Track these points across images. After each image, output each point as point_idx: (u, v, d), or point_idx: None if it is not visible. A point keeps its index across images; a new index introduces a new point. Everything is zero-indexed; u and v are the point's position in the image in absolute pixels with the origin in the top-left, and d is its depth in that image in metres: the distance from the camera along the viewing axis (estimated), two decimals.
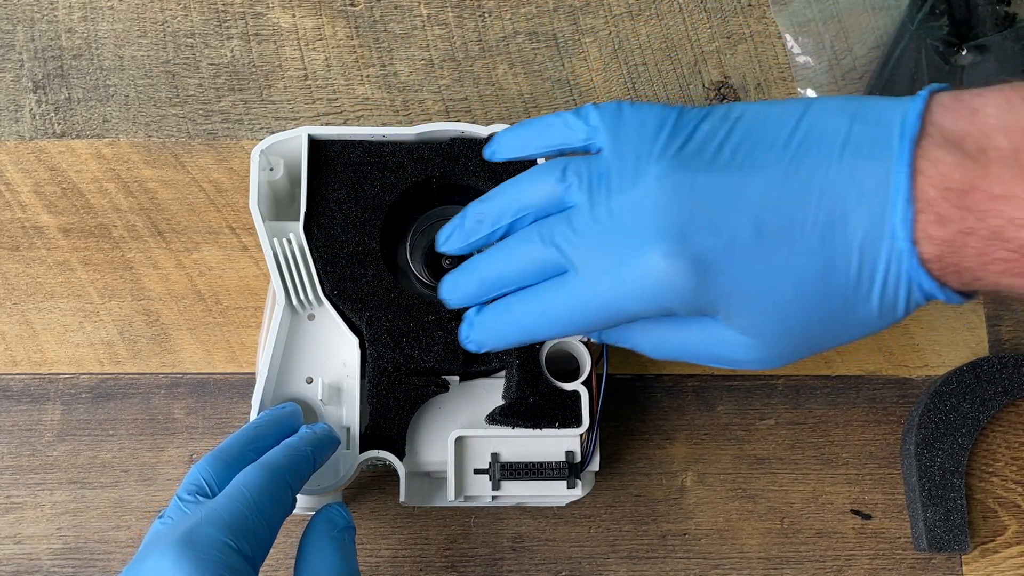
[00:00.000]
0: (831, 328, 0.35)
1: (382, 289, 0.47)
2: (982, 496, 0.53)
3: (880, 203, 0.31)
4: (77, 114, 0.57)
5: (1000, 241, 0.30)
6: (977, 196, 0.30)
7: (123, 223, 0.55)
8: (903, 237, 0.31)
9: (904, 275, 0.32)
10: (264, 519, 0.38)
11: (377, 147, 0.49)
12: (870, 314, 0.34)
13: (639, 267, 0.34)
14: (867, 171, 0.31)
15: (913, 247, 0.31)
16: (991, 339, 0.55)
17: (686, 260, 0.33)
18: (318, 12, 0.58)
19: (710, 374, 0.54)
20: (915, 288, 0.32)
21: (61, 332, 0.54)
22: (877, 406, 0.54)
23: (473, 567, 0.52)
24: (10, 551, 0.51)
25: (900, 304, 0.33)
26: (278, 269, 0.47)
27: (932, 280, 0.32)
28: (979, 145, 0.30)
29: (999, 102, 0.30)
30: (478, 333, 0.41)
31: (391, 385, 0.47)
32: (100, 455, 0.53)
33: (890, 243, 0.32)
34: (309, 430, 0.44)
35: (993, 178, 0.30)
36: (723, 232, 0.33)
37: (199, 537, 0.36)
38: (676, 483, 0.53)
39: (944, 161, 0.30)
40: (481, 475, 0.46)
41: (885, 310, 0.33)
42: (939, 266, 0.32)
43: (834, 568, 0.52)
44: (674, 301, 0.34)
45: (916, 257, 0.31)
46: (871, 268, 0.32)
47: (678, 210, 0.34)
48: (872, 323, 0.34)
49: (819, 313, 0.34)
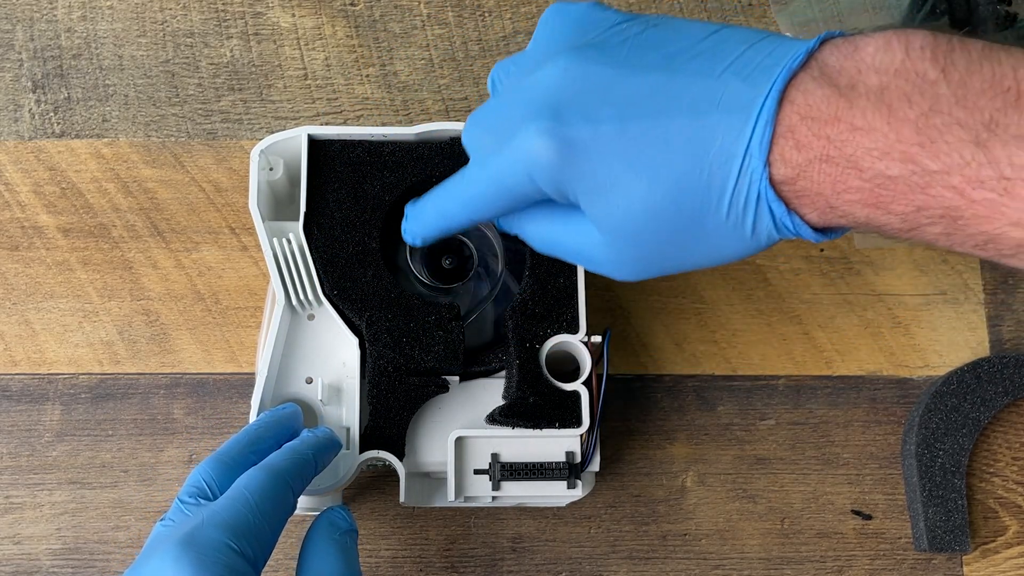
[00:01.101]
0: (684, 240, 0.36)
1: (382, 289, 0.47)
2: (983, 496, 0.53)
3: (742, 122, 0.32)
4: (76, 114, 0.57)
5: (855, 170, 0.31)
6: (839, 127, 0.31)
7: (122, 223, 0.55)
8: (758, 156, 0.32)
9: (754, 193, 0.33)
10: (266, 521, 0.38)
11: (377, 147, 0.48)
12: (720, 228, 0.34)
13: (516, 142, 0.36)
14: (739, 92, 0.33)
15: (765, 167, 0.32)
16: (992, 339, 0.55)
17: (555, 139, 0.35)
18: (318, 12, 0.58)
19: (710, 374, 0.54)
20: (764, 209, 0.33)
21: (60, 332, 0.54)
22: (878, 406, 0.54)
23: (473, 567, 0.52)
24: (9, 551, 0.51)
25: (749, 223, 0.34)
26: (278, 269, 0.47)
27: (781, 203, 0.33)
28: (851, 81, 0.31)
29: (879, 43, 0.32)
30: (411, 223, 0.44)
31: (391, 385, 0.47)
32: (99, 455, 0.52)
33: (746, 161, 0.33)
34: (311, 434, 0.44)
35: (857, 111, 0.31)
36: (592, 120, 0.35)
37: (200, 539, 0.36)
38: (676, 483, 0.53)
39: (814, 93, 0.32)
40: (481, 475, 0.46)
41: (735, 226, 0.34)
42: (792, 189, 0.33)
43: (835, 568, 0.52)
44: (541, 177, 0.36)
45: (767, 178, 0.32)
46: (722, 181, 0.33)
47: (562, 94, 0.35)
48: (725, 242, 0.35)
49: (671, 220, 0.35)
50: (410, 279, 0.50)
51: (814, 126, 0.31)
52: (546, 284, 0.47)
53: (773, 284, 0.55)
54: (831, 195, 0.32)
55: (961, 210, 0.30)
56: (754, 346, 0.55)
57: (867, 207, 0.32)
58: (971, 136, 0.29)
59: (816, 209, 0.33)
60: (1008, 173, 0.29)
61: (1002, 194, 0.29)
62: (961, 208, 0.30)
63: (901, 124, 0.30)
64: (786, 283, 0.55)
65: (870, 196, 0.32)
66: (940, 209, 0.31)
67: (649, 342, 0.55)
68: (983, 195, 0.29)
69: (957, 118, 0.29)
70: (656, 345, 0.55)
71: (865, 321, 0.55)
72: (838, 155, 0.31)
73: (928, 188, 0.30)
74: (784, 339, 0.55)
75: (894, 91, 0.30)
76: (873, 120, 0.31)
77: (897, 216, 0.32)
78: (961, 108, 0.30)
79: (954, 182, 0.30)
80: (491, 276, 0.50)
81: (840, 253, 0.56)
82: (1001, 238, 0.30)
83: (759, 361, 0.54)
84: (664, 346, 0.55)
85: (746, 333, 0.55)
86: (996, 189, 0.29)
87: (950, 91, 0.30)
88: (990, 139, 0.29)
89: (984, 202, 0.30)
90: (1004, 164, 0.29)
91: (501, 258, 0.50)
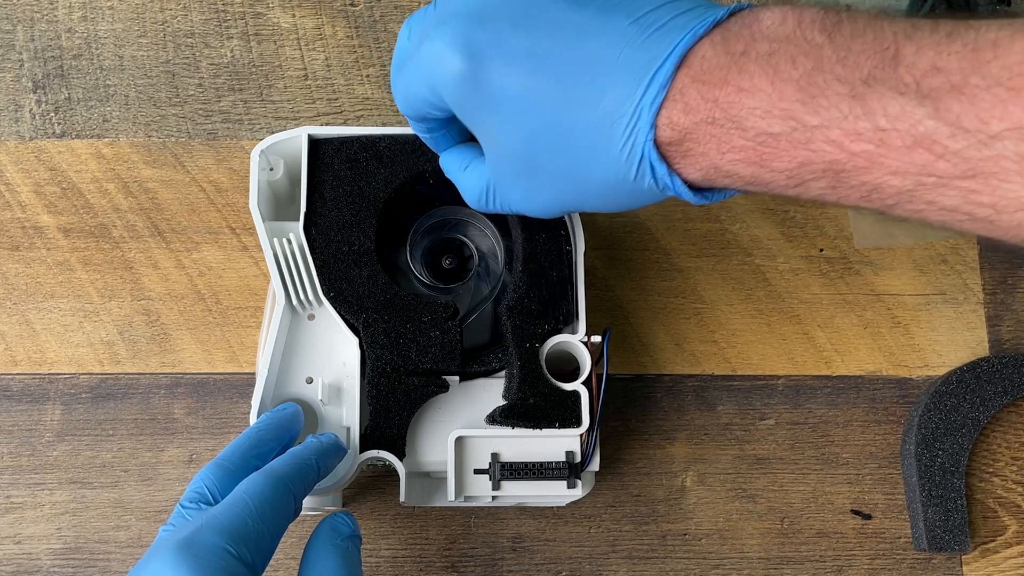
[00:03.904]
0: (573, 174, 0.37)
1: (377, 290, 0.47)
2: (982, 496, 0.53)
3: (635, 84, 0.33)
4: (77, 114, 0.57)
5: (739, 130, 0.32)
6: (727, 90, 0.32)
7: (123, 223, 0.55)
8: (646, 118, 0.33)
9: (637, 152, 0.34)
10: (266, 526, 0.38)
11: (373, 141, 0.48)
12: (607, 173, 0.35)
13: (427, 48, 0.37)
14: (641, 50, 0.34)
15: (652, 129, 0.33)
16: (991, 339, 0.55)
17: (460, 48, 0.36)
18: (318, 12, 0.58)
19: (710, 374, 0.54)
20: (647, 167, 0.34)
21: (61, 332, 0.54)
22: (877, 406, 0.54)
23: (473, 567, 0.52)
24: (10, 551, 0.51)
25: (631, 174, 0.35)
26: (278, 269, 0.47)
27: (663, 163, 0.34)
28: (745, 48, 0.32)
29: (775, 15, 0.33)
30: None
31: (390, 386, 0.47)
32: (100, 455, 0.53)
33: (633, 120, 0.34)
34: (315, 439, 0.44)
35: (745, 75, 0.32)
36: (504, 42, 0.36)
37: (199, 542, 0.36)
38: (676, 483, 0.53)
39: (709, 59, 0.33)
40: (481, 475, 0.46)
41: (621, 176, 0.35)
42: (677, 150, 0.34)
43: (834, 568, 0.52)
44: (443, 84, 0.37)
45: (652, 139, 0.34)
46: (609, 133, 0.34)
47: (483, 11, 0.36)
48: (612, 186, 0.36)
49: (559, 151, 0.36)
50: (410, 279, 0.50)
51: (704, 90, 0.32)
52: (539, 278, 0.47)
53: (773, 284, 0.55)
54: (716, 155, 0.33)
55: (842, 163, 0.31)
56: (754, 346, 0.55)
57: (751, 165, 0.33)
58: (848, 90, 0.30)
59: (700, 169, 0.34)
60: (883, 124, 0.30)
61: (879, 145, 0.30)
62: (842, 161, 0.31)
63: (784, 84, 0.31)
64: (786, 283, 0.55)
65: (753, 154, 0.33)
66: (822, 164, 0.31)
67: (649, 342, 0.55)
68: (861, 147, 0.30)
69: (837, 75, 0.31)
70: (656, 345, 0.55)
71: (865, 321, 0.55)
72: (723, 117, 0.32)
73: (809, 143, 0.31)
74: (784, 339, 0.55)
75: (782, 55, 0.32)
76: (759, 82, 0.32)
77: (781, 173, 0.33)
78: (841, 66, 0.31)
79: (833, 136, 0.31)
80: (491, 276, 0.50)
81: (840, 253, 0.56)
82: (882, 187, 0.31)
83: (759, 361, 0.55)
84: (664, 346, 0.55)
85: (746, 333, 0.55)
86: (873, 140, 0.30)
87: (833, 52, 0.31)
88: (867, 92, 0.30)
89: (863, 154, 0.30)
90: (879, 115, 0.30)
91: (501, 258, 0.50)
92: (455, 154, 0.43)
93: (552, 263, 0.48)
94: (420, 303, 0.47)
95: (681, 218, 0.56)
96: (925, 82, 0.29)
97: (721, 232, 0.56)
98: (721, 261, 0.56)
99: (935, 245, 0.56)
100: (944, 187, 0.30)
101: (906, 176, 0.30)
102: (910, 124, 0.29)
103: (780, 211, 0.56)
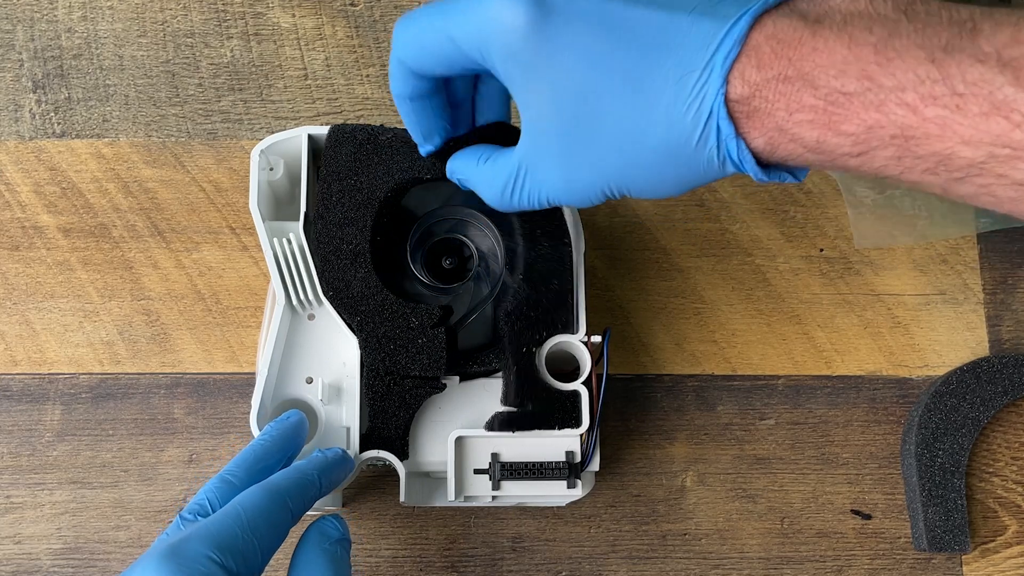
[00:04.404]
0: (627, 141, 0.35)
1: (369, 292, 0.47)
2: (982, 496, 0.53)
3: (711, 36, 0.33)
4: (77, 114, 0.57)
5: (811, 88, 0.32)
6: (802, 49, 0.32)
7: (123, 223, 0.55)
8: (719, 71, 0.33)
9: (706, 108, 0.33)
10: (256, 538, 0.38)
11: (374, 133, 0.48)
12: (672, 129, 0.34)
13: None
14: (715, 14, 0.34)
15: (724, 84, 0.33)
16: (991, 339, 0.55)
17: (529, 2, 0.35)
18: (318, 12, 0.58)
19: (710, 374, 0.54)
20: (713, 127, 0.34)
21: (61, 332, 0.54)
22: (877, 406, 0.54)
23: (473, 567, 0.52)
24: (10, 551, 0.51)
25: (697, 131, 0.34)
26: (278, 269, 0.47)
27: (731, 123, 0.33)
28: (819, 16, 0.33)
29: None
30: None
31: (387, 387, 0.47)
32: (100, 455, 0.53)
33: (705, 75, 0.33)
34: (321, 454, 0.44)
35: (820, 37, 0.32)
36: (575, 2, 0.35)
37: (183, 551, 0.36)
38: (676, 483, 0.53)
39: (783, 22, 0.33)
40: (481, 475, 0.46)
41: (685, 134, 0.34)
42: (745, 109, 0.33)
43: (834, 568, 0.52)
44: (498, 34, 0.35)
45: (723, 94, 0.33)
46: (677, 88, 0.34)
47: None
48: (674, 148, 0.35)
49: (616, 113, 0.35)
50: (411, 279, 0.50)
51: (778, 47, 0.32)
52: (540, 287, 0.47)
53: (773, 284, 0.55)
54: (783, 115, 0.33)
55: (913, 128, 0.31)
56: (754, 346, 0.55)
57: (818, 128, 0.33)
58: (927, 55, 0.30)
59: (765, 133, 0.34)
60: (960, 89, 0.29)
61: (954, 111, 0.30)
62: (913, 127, 0.31)
63: (860, 47, 0.31)
64: (786, 283, 0.55)
65: (823, 115, 0.32)
66: (892, 129, 0.31)
67: (649, 342, 0.55)
68: (935, 112, 0.30)
69: (915, 42, 0.31)
70: (656, 345, 0.55)
71: (865, 321, 0.55)
72: (795, 74, 0.32)
73: (882, 105, 0.31)
74: (784, 339, 0.55)
75: (857, 23, 0.32)
76: (834, 44, 0.32)
77: (848, 137, 0.32)
78: (919, 35, 0.31)
79: (908, 99, 0.30)
80: (491, 276, 0.50)
81: (840, 253, 0.56)
82: (952, 157, 0.31)
83: (759, 361, 0.55)
84: (664, 346, 0.55)
85: (746, 333, 0.55)
86: (948, 105, 0.30)
87: (910, 24, 0.31)
88: (945, 58, 0.30)
89: (936, 119, 0.30)
90: (957, 80, 0.29)
91: (501, 258, 0.50)
92: (468, 152, 0.42)
93: (554, 272, 0.47)
94: (408, 308, 0.47)
95: (681, 218, 0.56)
96: (1006, 52, 0.29)
97: (721, 232, 0.56)
98: (721, 261, 0.56)
99: (935, 245, 0.56)
100: (1018, 159, 0.29)
101: (979, 146, 0.30)
102: (989, 90, 0.29)
103: (780, 211, 0.56)
